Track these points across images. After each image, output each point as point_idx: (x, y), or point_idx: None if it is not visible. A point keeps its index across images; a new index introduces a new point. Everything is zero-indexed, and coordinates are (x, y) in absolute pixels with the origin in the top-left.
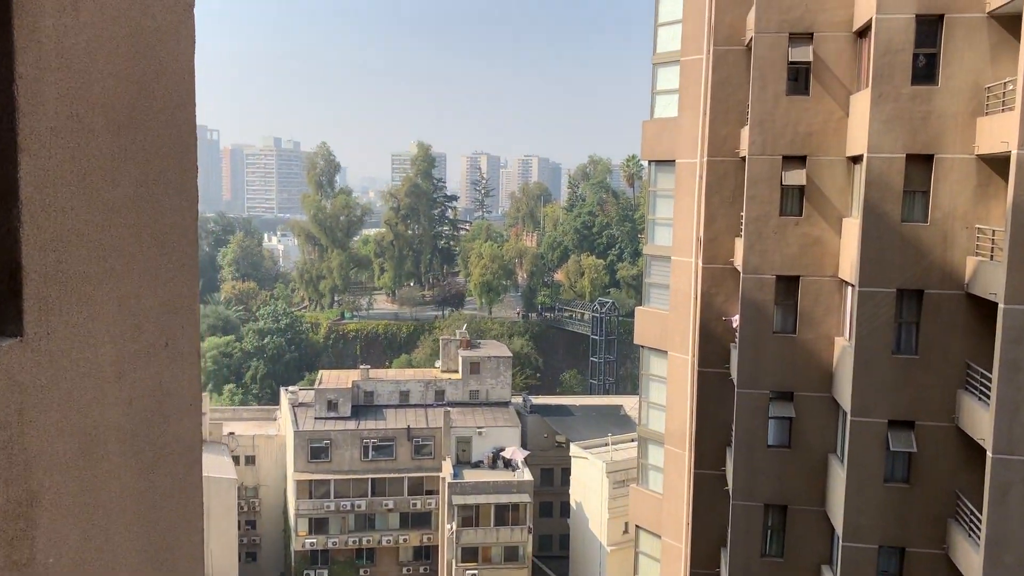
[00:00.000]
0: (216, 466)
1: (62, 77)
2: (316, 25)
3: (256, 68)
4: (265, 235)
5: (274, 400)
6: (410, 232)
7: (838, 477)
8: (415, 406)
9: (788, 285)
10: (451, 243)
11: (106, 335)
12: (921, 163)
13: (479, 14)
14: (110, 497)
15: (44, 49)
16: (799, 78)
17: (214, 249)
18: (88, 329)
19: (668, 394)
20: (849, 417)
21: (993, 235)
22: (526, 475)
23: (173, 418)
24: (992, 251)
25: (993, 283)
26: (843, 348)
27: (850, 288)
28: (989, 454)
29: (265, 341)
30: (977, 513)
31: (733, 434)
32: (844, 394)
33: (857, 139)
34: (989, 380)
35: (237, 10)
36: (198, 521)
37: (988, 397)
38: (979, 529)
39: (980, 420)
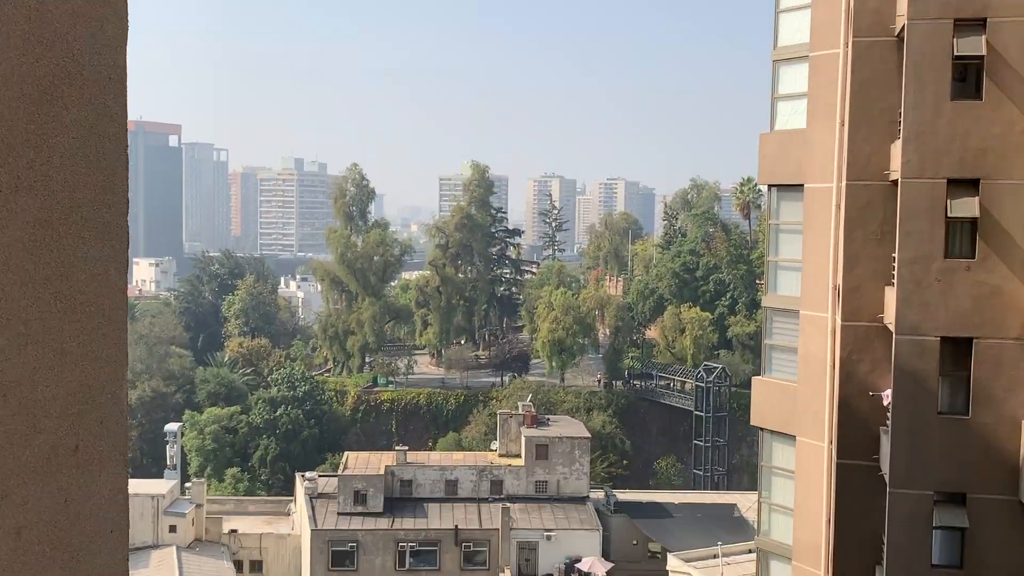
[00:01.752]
0: (214, 573)
1: None
2: (344, 25)
3: (273, 75)
4: (281, 279)
5: (288, 489)
6: (461, 276)
7: None
8: (465, 500)
9: (957, 350)
10: (513, 290)
11: None
12: None
13: (545, 5)
14: None
15: None
16: (968, 78)
17: (218, 297)
18: None
19: (797, 493)
20: None
21: None
22: None
23: (84, 551)
24: None
25: None
26: None
27: None
28: None
29: (278, 413)
30: None
31: (884, 550)
32: None
33: None
34: None
35: (249, 6)
36: None
37: None
38: None
39: None
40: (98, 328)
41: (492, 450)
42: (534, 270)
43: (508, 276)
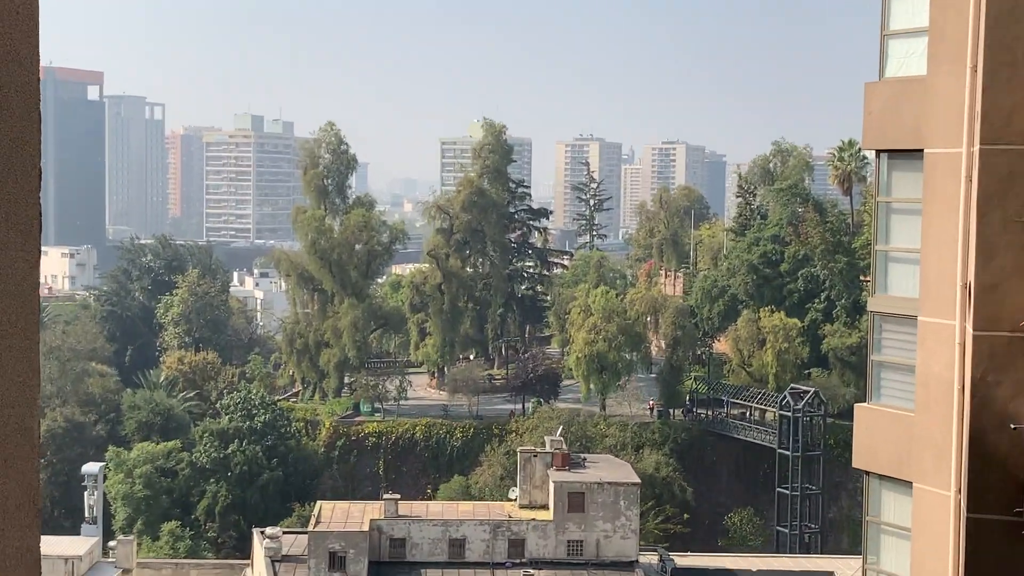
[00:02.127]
0: None
1: None
2: None
3: (223, 9)
4: (234, 274)
5: (243, 549)
6: (470, 270)
7: None
8: (475, 565)
9: None
10: (538, 289)
11: None
12: None
13: None
14: None
15: None
16: None
17: (151, 298)
18: None
19: (914, 557)
20: None
21: None
22: None
23: None
24: None
25: None
26: None
27: None
28: None
29: (230, 450)
30: None
31: None
32: None
33: None
34: None
35: None
36: None
37: None
38: None
39: None
40: (2, 338)
41: (510, 500)
42: (566, 263)
43: (531, 270)
